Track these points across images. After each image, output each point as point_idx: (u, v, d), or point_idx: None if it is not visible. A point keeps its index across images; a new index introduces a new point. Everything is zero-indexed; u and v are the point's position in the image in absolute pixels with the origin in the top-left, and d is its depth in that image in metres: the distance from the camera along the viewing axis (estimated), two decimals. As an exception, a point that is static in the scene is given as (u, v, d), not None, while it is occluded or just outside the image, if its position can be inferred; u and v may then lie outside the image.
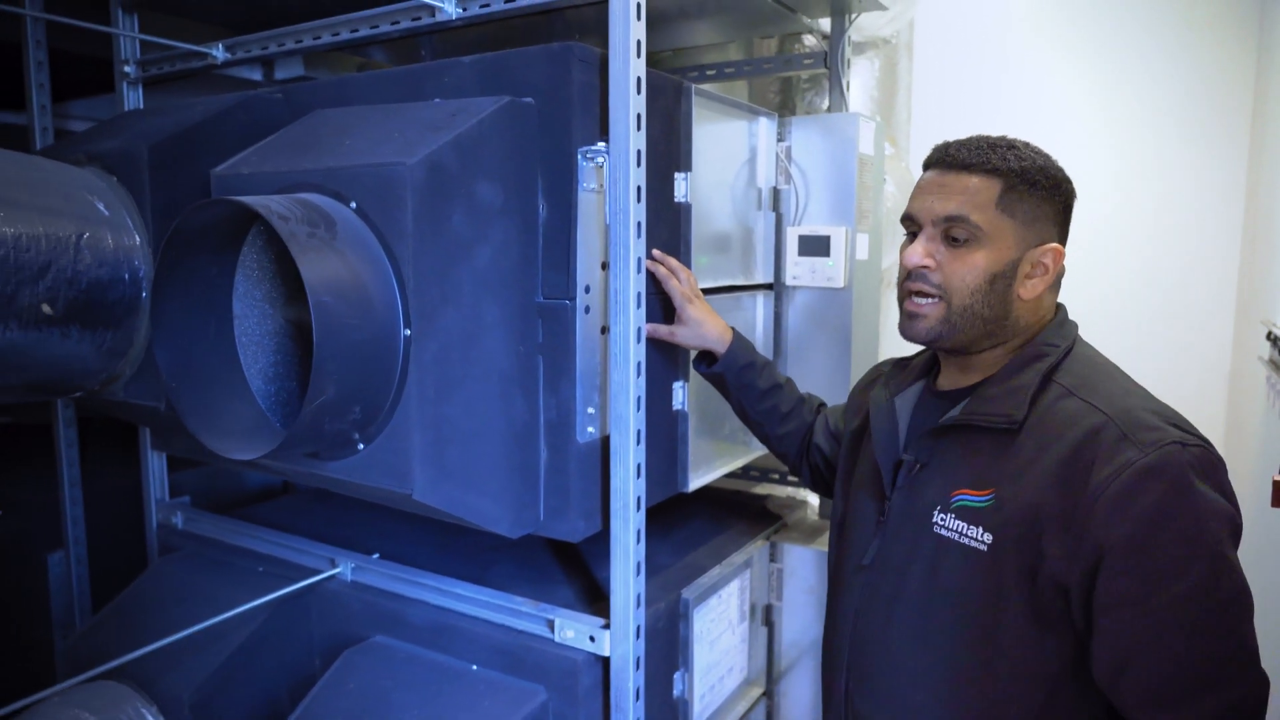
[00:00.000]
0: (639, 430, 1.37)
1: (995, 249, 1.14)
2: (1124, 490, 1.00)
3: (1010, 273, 1.14)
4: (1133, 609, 1.00)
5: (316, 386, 1.09)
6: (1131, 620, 1.00)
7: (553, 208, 1.38)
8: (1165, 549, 0.99)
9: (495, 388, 1.34)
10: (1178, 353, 3.43)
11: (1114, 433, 1.03)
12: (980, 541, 1.10)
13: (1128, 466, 1.00)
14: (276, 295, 1.41)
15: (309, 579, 1.67)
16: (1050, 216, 1.16)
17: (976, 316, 1.15)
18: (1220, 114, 3.42)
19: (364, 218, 1.21)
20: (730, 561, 1.79)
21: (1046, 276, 1.16)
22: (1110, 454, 1.02)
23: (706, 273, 1.70)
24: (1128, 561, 1.00)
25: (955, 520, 1.13)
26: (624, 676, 1.38)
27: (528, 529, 1.43)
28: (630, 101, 1.29)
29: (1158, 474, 1.00)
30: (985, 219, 1.13)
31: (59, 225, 1.35)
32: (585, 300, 1.38)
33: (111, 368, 1.50)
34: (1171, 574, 0.99)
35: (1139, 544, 0.99)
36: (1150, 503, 0.99)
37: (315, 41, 1.70)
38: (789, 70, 2.22)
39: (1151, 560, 0.99)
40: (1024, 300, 1.16)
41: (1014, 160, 1.14)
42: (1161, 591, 0.99)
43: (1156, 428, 1.03)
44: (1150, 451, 1.00)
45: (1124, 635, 1.01)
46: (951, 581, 1.13)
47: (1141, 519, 0.99)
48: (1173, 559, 0.99)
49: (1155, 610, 0.99)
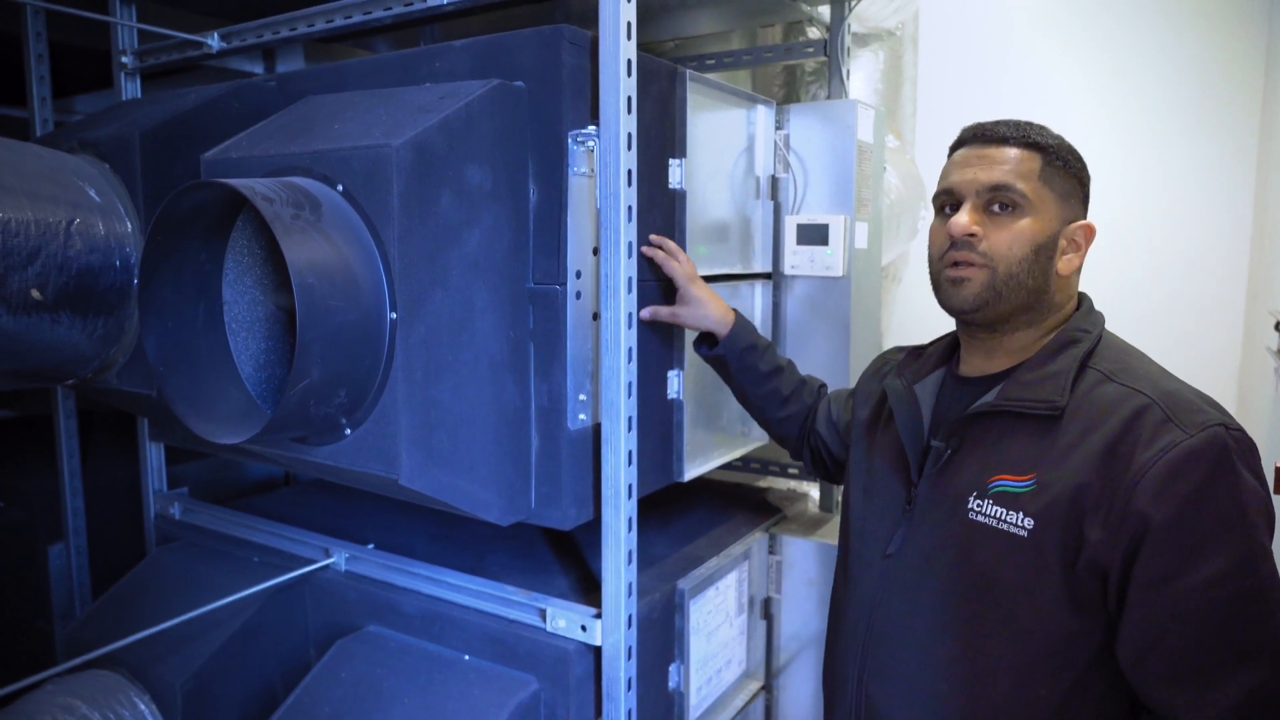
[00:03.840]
0: (630, 417, 1.35)
1: (1039, 219, 1.14)
2: (1169, 469, 1.00)
3: (1051, 245, 1.15)
4: (1166, 588, 1.00)
5: (300, 369, 1.08)
6: (1163, 599, 1.00)
7: (543, 192, 1.36)
8: (1204, 529, 0.99)
9: (485, 373, 1.33)
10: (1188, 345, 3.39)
11: (1158, 414, 1.03)
12: (1020, 526, 1.08)
13: (1173, 446, 1.00)
14: (267, 281, 1.40)
15: (303, 569, 1.67)
16: (1078, 195, 1.19)
17: (1021, 286, 1.14)
18: (1229, 105, 3.38)
19: (351, 200, 1.20)
20: (729, 553, 1.77)
21: (1080, 253, 1.18)
22: (1154, 434, 1.02)
23: (704, 261, 1.69)
24: (1167, 539, 0.99)
25: (993, 506, 1.11)
26: (615, 666, 1.37)
27: (519, 516, 1.41)
28: (621, 84, 1.28)
29: (1203, 455, 1.00)
30: (1030, 188, 1.14)
31: (49, 211, 1.34)
32: (576, 285, 1.37)
33: (104, 355, 1.50)
34: (1207, 554, 0.99)
35: (1180, 522, 0.99)
36: (1195, 483, 0.99)
37: (310, 29, 1.69)
38: (790, 59, 2.20)
39: (1189, 539, 0.99)
40: (1062, 276, 1.17)
41: (1050, 137, 1.17)
42: (1194, 571, 0.99)
43: (1201, 409, 1.04)
44: (1195, 432, 1.01)
45: (1153, 613, 1.01)
46: (987, 567, 1.11)
47: (1185, 498, 0.99)
48: (1210, 540, 0.99)
49: (1187, 590, 0.99)
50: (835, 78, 2.03)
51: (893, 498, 1.26)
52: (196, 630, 1.61)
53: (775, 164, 1.89)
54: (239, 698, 1.64)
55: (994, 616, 1.11)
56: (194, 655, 1.60)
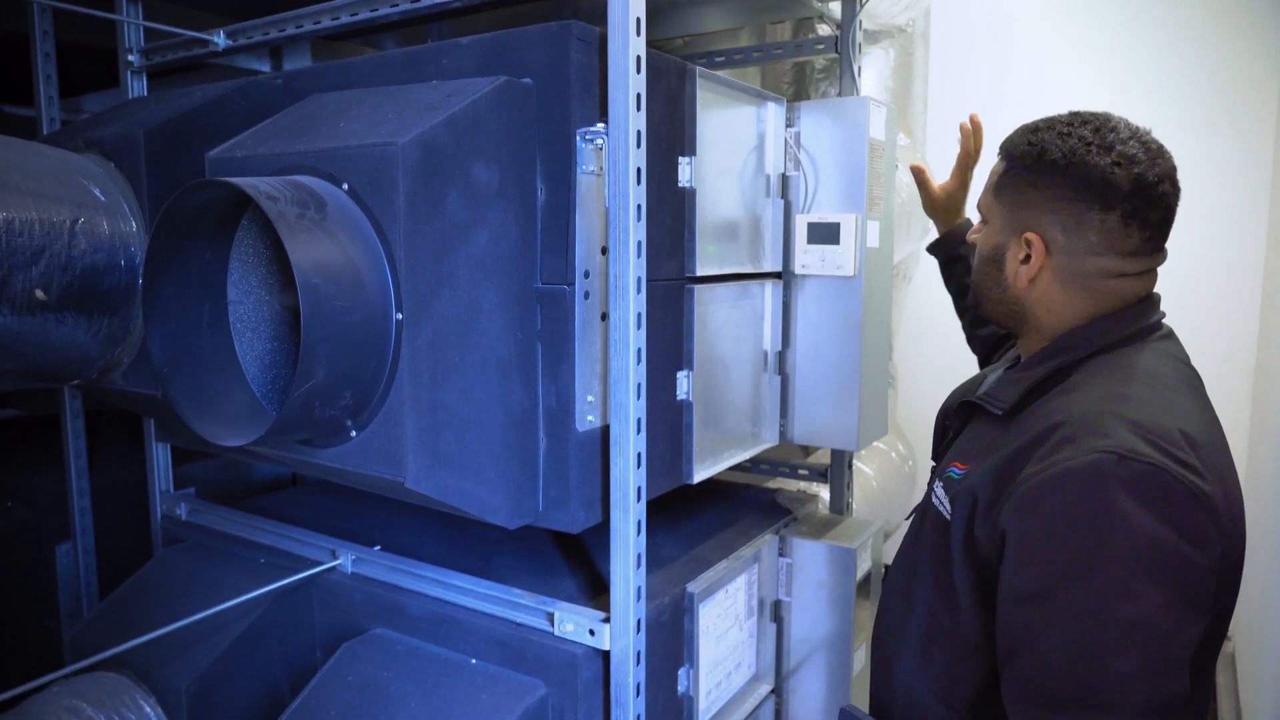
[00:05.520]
0: (639, 419, 1.33)
1: (989, 231, 1.20)
2: (1039, 487, 0.98)
3: (997, 257, 1.17)
4: (1022, 605, 0.99)
5: (305, 370, 1.07)
6: (1019, 615, 0.99)
7: (551, 191, 1.35)
8: (1062, 555, 0.96)
9: (493, 374, 1.31)
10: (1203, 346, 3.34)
11: (1065, 434, 1.01)
12: (946, 510, 1.13)
13: (1053, 465, 0.98)
14: (273, 281, 1.39)
15: (309, 570, 1.65)
16: (1039, 204, 1.12)
17: (986, 295, 1.21)
18: (1244, 101, 3.34)
19: (356, 199, 1.19)
20: (738, 555, 1.75)
21: (1031, 265, 1.13)
22: (1049, 452, 1.00)
23: (713, 260, 1.67)
24: (1025, 557, 0.98)
25: (940, 488, 1.17)
26: (624, 671, 1.35)
27: (526, 519, 1.40)
28: (630, 81, 1.26)
29: (1074, 478, 0.96)
30: (985, 201, 1.21)
31: (54, 210, 1.33)
32: (585, 285, 1.35)
33: (109, 355, 1.49)
34: (1063, 581, 0.95)
35: (1038, 542, 0.97)
36: (1058, 504, 0.96)
37: (316, 26, 1.68)
38: (801, 55, 2.18)
39: (1046, 562, 0.97)
40: (1020, 289, 1.15)
41: (1023, 143, 1.15)
42: (1049, 596, 0.96)
43: (1107, 435, 0.97)
44: (1081, 455, 0.97)
45: (1010, 627, 1.01)
46: (927, 545, 1.18)
47: (1046, 517, 0.97)
48: (1067, 567, 0.95)
49: (1040, 613, 0.97)
50: (847, 74, 2.01)
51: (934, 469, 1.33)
52: (202, 632, 1.59)
53: (786, 162, 1.87)
54: (245, 700, 1.63)
55: (934, 592, 1.15)
56: (200, 657, 1.59)
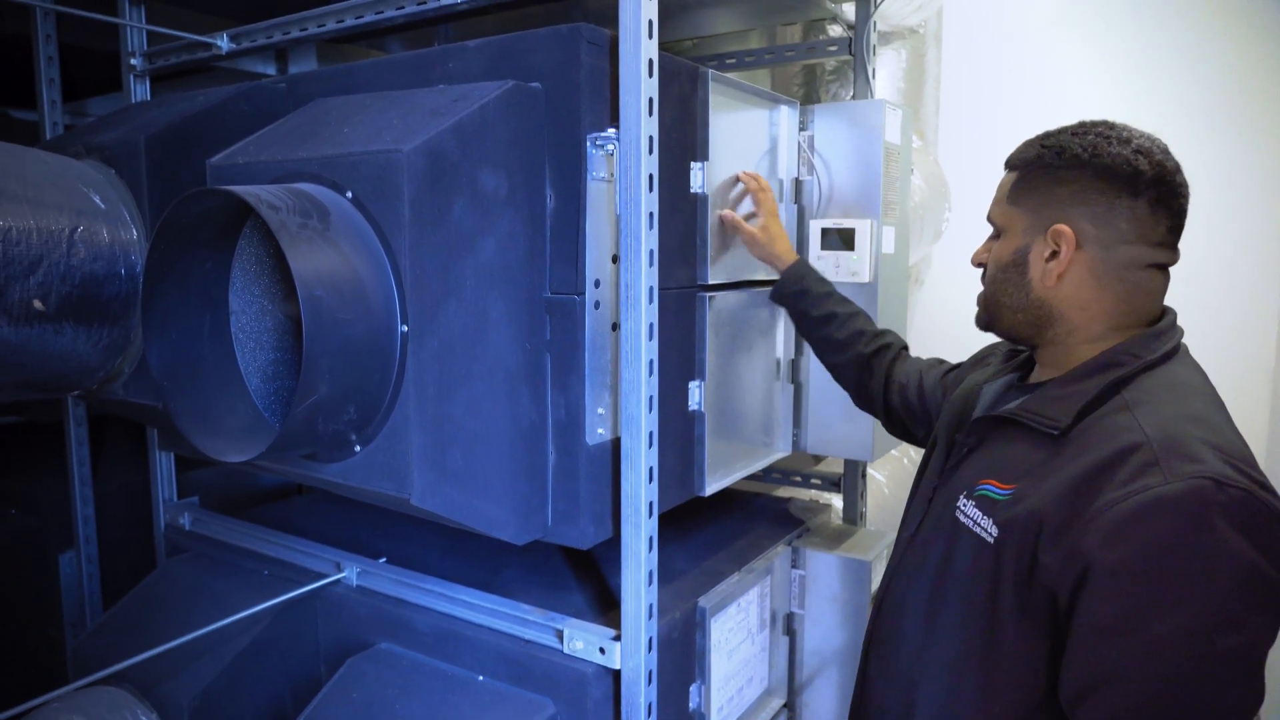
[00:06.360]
0: (651, 432, 1.30)
1: (1008, 239, 1.16)
2: (1130, 514, 0.92)
3: (1020, 261, 1.14)
4: (1111, 637, 0.93)
5: (307, 385, 1.04)
6: (1107, 649, 0.93)
7: (561, 198, 1.31)
8: (1157, 585, 0.91)
9: (501, 387, 1.28)
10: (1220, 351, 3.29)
11: (1146, 456, 0.95)
12: (988, 533, 1.07)
13: (1144, 490, 0.92)
14: (276, 290, 1.36)
15: (313, 583, 1.62)
16: (1066, 198, 1.10)
17: (1001, 305, 1.17)
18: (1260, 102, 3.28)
19: (360, 208, 1.16)
20: (750, 568, 1.72)
21: (1061, 259, 1.10)
22: (1132, 475, 0.94)
23: (725, 267, 1.64)
24: (1117, 586, 0.93)
25: (974, 508, 1.11)
26: (635, 691, 1.32)
27: (535, 535, 1.37)
28: (641, 85, 1.23)
29: (1174, 505, 0.91)
30: (1000, 211, 1.18)
31: (52, 219, 1.30)
32: (595, 295, 1.32)
33: (109, 365, 1.46)
34: (1159, 611, 0.90)
35: (1133, 572, 0.92)
36: (1157, 531, 0.91)
37: (319, 29, 1.64)
38: (813, 57, 2.14)
39: (1142, 592, 0.91)
40: (1049, 288, 1.11)
41: (1035, 149, 1.14)
42: (1144, 628, 0.91)
43: (1196, 459, 0.93)
44: (1175, 481, 0.92)
45: (1095, 661, 0.94)
46: (960, 568, 1.12)
47: (1141, 545, 0.91)
48: (1166, 596, 0.90)
49: (1133, 645, 0.91)
50: (861, 77, 1.97)
51: (927, 484, 1.28)
52: (205, 646, 1.56)
53: (799, 166, 1.83)
54: (248, 716, 1.60)
55: (967, 618, 1.10)
56: (202, 672, 1.56)
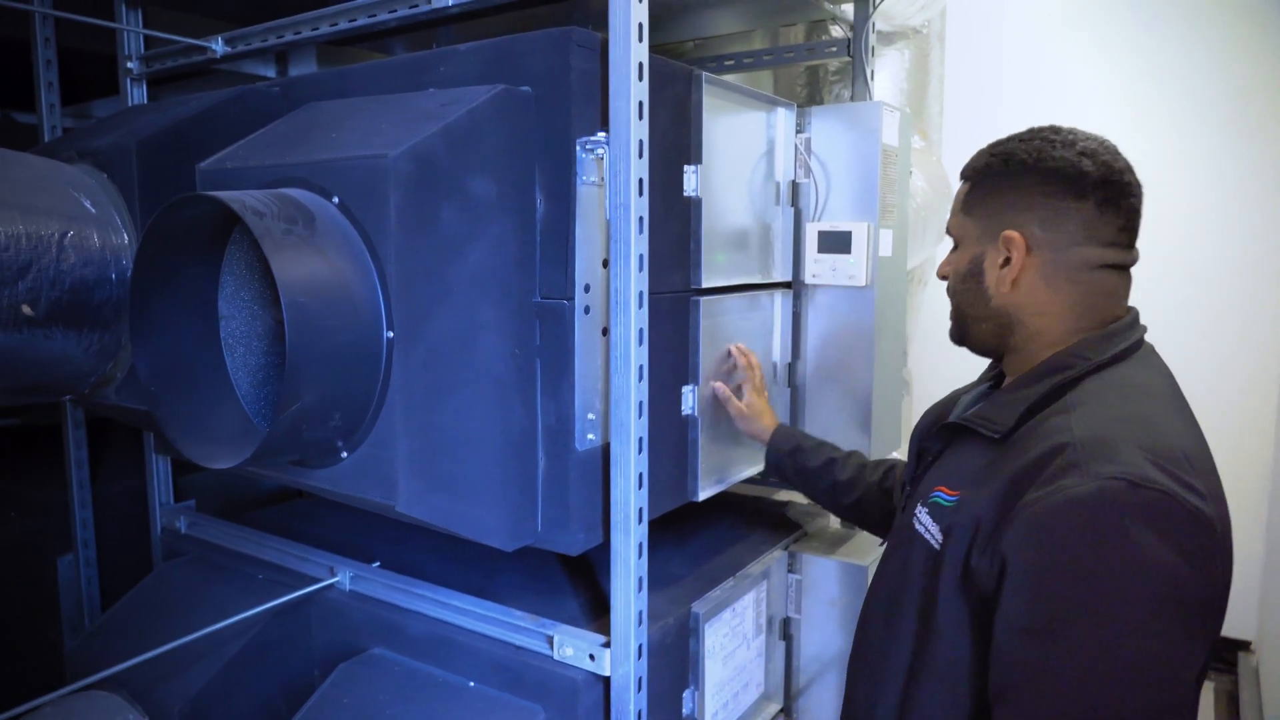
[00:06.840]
0: (641, 438, 1.29)
1: (964, 249, 1.18)
2: (1045, 513, 0.92)
3: (975, 269, 1.15)
4: (1024, 638, 0.93)
5: (290, 392, 1.03)
6: (1020, 650, 0.94)
7: (551, 202, 1.30)
8: (1067, 588, 0.90)
9: (490, 393, 1.27)
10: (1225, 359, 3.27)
11: (1070, 457, 0.94)
12: (935, 539, 1.08)
13: (1058, 491, 0.92)
14: (266, 295, 1.35)
15: (307, 588, 1.62)
16: (1014, 204, 1.11)
17: (964, 315, 1.19)
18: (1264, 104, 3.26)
19: (347, 213, 1.15)
20: (746, 573, 1.70)
21: (1013, 265, 1.10)
22: (1054, 476, 0.94)
23: (722, 271, 1.62)
24: (1028, 588, 0.93)
25: (926, 515, 1.12)
26: (625, 699, 1.31)
27: (524, 541, 1.36)
28: (631, 88, 1.22)
29: (1082, 505, 0.90)
30: (955, 223, 1.20)
31: (42, 224, 1.30)
32: (585, 300, 1.31)
33: (101, 370, 1.46)
34: (1066, 617, 0.90)
35: (1042, 574, 0.92)
36: (1066, 533, 0.91)
37: (314, 32, 1.64)
38: (812, 59, 2.13)
39: (1050, 595, 0.91)
40: (1005, 295, 1.12)
41: (984, 158, 1.15)
42: (1053, 632, 0.91)
43: (1115, 460, 0.92)
44: (1088, 482, 0.91)
45: (1009, 662, 0.95)
46: (913, 575, 1.13)
47: (1051, 547, 0.91)
48: (1072, 602, 0.90)
49: (1045, 647, 0.91)
50: (859, 78, 1.96)
51: (905, 492, 1.29)
52: (198, 650, 1.56)
53: (796, 169, 1.82)
54: (241, 720, 1.60)
55: (918, 622, 1.10)
56: (195, 677, 1.55)
